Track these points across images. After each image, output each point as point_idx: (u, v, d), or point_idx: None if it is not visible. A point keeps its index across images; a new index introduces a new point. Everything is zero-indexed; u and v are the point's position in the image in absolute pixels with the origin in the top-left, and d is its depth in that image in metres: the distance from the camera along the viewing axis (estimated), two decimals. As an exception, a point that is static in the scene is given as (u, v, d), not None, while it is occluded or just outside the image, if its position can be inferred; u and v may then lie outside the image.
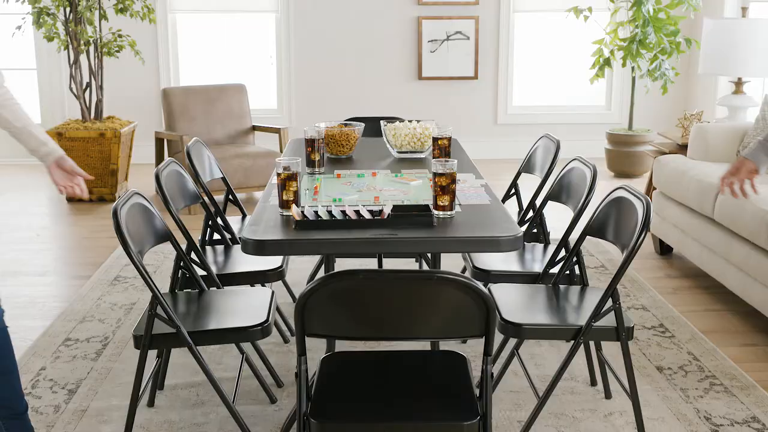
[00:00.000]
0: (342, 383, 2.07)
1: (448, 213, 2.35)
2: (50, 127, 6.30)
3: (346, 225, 2.25)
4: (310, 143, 2.98)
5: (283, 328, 3.39)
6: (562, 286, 2.73)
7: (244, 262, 3.00)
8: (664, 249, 4.52)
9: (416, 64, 7.18)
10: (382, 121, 3.34)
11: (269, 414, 2.75)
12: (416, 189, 2.71)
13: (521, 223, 3.29)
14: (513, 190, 3.50)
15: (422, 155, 3.24)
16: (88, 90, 5.98)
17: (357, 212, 2.32)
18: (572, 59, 7.25)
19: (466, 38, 7.12)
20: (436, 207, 2.35)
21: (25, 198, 6.00)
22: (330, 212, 2.32)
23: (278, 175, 2.38)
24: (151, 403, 2.81)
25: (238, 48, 7.26)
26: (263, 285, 3.03)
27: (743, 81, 4.99)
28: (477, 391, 1.97)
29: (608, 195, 2.60)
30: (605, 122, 7.19)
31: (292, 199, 2.39)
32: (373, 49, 7.15)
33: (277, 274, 2.91)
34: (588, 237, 2.66)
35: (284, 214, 2.39)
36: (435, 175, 2.33)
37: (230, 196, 3.48)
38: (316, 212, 2.33)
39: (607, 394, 2.86)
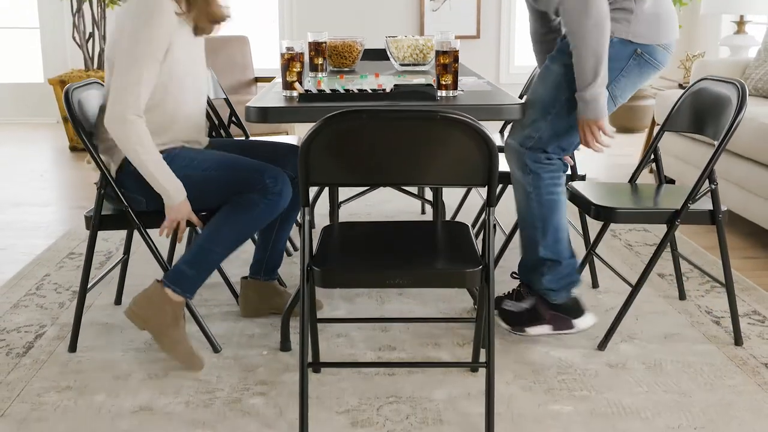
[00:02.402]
0: (344, 245, 2.08)
1: (451, 92, 2.35)
2: (53, 75, 6.30)
3: (348, 98, 2.26)
4: (314, 47, 2.98)
5: (287, 244, 3.41)
6: (639, 183, 2.74)
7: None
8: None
9: (418, 22, 7.17)
10: (385, 36, 3.35)
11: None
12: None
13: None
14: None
15: (425, 68, 3.24)
16: (90, 40, 5.99)
17: (360, 90, 2.33)
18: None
19: (468, -3, 7.11)
20: (439, 87, 2.36)
21: (27, 148, 6.01)
22: (333, 90, 2.34)
23: (282, 56, 2.39)
24: (118, 301, 2.82)
25: (240, 5, 7.27)
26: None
27: (745, 21, 4.99)
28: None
29: (689, 87, 2.60)
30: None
31: (295, 80, 2.40)
32: (375, 8, 7.15)
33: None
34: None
35: (287, 95, 2.40)
36: (437, 53, 2.34)
37: (233, 119, 3.48)
38: (319, 90, 2.34)
39: (594, 284, 2.96)
